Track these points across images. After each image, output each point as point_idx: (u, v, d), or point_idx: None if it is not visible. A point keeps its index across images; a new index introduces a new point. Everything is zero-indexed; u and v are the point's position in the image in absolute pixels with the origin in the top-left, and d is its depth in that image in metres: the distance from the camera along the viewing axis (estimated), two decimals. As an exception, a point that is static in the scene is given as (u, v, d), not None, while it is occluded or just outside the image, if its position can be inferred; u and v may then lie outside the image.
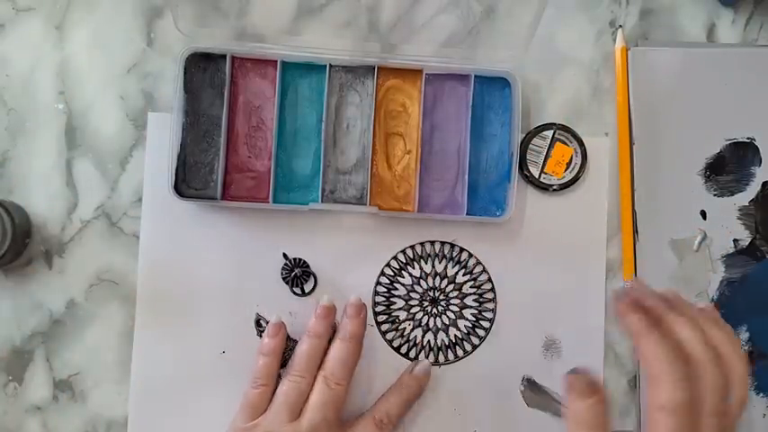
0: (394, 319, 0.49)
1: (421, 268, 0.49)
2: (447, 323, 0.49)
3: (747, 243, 0.50)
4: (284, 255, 0.49)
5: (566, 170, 0.49)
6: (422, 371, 0.48)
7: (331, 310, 0.46)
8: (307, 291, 0.49)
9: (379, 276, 0.49)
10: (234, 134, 0.48)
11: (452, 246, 0.50)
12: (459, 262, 0.50)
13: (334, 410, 0.44)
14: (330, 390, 0.44)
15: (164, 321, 0.48)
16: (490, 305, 0.49)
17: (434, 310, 0.49)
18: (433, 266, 0.50)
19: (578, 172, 0.49)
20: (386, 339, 0.49)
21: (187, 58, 0.47)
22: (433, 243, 0.50)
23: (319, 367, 0.45)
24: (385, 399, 0.47)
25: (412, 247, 0.49)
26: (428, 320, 0.49)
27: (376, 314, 0.49)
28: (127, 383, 0.47)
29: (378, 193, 0.48)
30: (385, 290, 0.49)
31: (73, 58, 0.48)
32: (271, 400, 0.44)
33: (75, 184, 0.48)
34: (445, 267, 0.50)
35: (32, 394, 0.47)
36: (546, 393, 0.49)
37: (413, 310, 0.49)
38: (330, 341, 0.46)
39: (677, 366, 0.34)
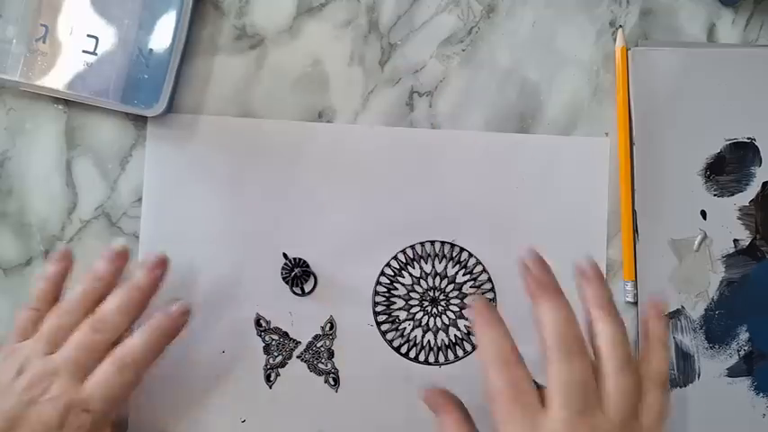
0: (394, 319, 0.49)
1: (421, 268, 0.49)
2: (447, 323, 0.49)
3: (747, 243, 0.50)
4: (284, 255, 0.48)
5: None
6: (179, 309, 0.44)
7: (121, 255, 0.44)
8: (307, 291, 0.49)
9: (379, 276, 0.49)
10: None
11: (452, 246, 0.49)
12: (459, 262, 0.50)
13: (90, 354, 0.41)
14: (94, 334, 0.41)
15: (164, 321, 0.48)
16: (490, 305, 0.49)
17: (434, 309, 0.49)
18: (433, 266, 0.50)
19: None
20: (386, 339, 0.49)
21: None
22: (433, 243, 0.49)
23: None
24: (130, 339, 0.42)
25: (412, 247, 0.49)
26: (428, 320, 0.49)
27: (376, 314, 0.49)
28: (127, 383, 0.47)
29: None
30: (385, 290, 0.49)
31: (73, 58, 0.48)
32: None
33: (74, 184, 0.48)
34: (445, 267, 0.50)
35: (32, 394, 0.47)
36: (546, 393, 0.49)
37: (413, 310, 0.49)
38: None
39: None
